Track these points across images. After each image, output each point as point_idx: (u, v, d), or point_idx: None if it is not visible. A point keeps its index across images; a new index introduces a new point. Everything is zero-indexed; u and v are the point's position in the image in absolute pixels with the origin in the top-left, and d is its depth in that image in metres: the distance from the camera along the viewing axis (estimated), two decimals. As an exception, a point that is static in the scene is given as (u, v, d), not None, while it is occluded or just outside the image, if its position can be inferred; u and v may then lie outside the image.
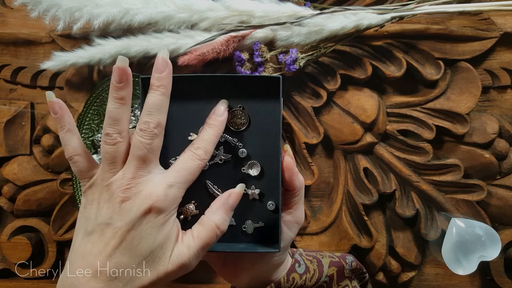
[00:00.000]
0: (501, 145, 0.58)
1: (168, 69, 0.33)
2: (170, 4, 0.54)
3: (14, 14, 0.60)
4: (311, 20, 0.54)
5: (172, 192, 0.31)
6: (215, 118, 0.34)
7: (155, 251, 0.31)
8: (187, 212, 0.36)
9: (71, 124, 0.34)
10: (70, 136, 0.34)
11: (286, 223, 0.37)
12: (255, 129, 0.36)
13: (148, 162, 0.32)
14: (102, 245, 0.30)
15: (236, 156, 0.36)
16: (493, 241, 0.52)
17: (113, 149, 0.32)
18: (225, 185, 0.37)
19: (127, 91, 0.32)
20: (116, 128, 0.32)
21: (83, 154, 0.34)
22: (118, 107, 0.32)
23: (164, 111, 0.33)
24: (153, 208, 0.30)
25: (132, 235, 0.30)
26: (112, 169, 0.32)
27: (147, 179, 0.31)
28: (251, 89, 0.36)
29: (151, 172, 0.32)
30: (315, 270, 0.41)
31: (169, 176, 0.32)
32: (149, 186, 0.31)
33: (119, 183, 0.31)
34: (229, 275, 0.40)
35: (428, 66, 0.59)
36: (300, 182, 0.36)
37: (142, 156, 0.31)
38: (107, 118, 0.32)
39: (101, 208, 0.31)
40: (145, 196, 0.31)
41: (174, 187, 0.32)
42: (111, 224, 0.30)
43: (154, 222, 0.30)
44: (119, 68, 0.32)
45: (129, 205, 0.30)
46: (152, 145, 0.31)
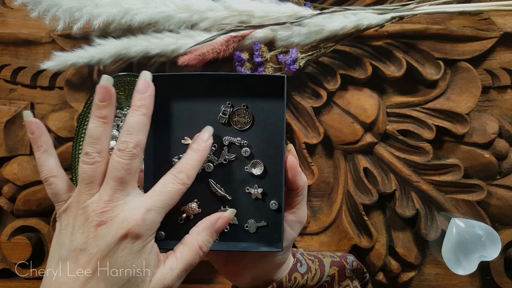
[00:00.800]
0: (501, 145, 0.58)
1: (150, 91, 0.32)
2: (170, 4, 0.54)
3: (14, 14, 0.60)
4: (311, 20, 0.54)
5: (150, 217, 0.30)
6: (199, 143, 0.33)
7: (132, 279, 0.29)
8: (189, 211, 0.36)
9: (48, 144, 0.33)
10: (46, 157, 0.33)
11: (289, 223, 0.37)
12: (259, 128, 0.36)
13: (125, 183, 0.30)
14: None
15: (240, 155, 0.36)
16: (493, 241, 0.52)
17: (92, 169, 0.30)
18: (228, 184, 0.37)
19: (110, 110, 0.31)
20: (96, 147, 0.31)
21: (60, 176, 0.33)
22: (99, 126, 0.31)
23: (145, 132, 0.31)
24: (130, 233, 0.29)
25: (107, 263, 0.28)
26: (89, 190, 0.30)
27: (124, 202, 0.30)
28: (255, 88, 0.36)
29: (129, 194, 0.31)
30: (316, 270, 0.41)
31: (148, 200, 0.30)
32: (126, 210, 0.30)
33: (94, 206, 0.30)
34: (231, 274, 0.40)
35: (428, 66, 0.59)
36: (303, 181, 0.36)
37: (120, 177, 0.30)
38: (87, 137, 0.31)
39: (75, 233, 0.29)
40: (121, 220, 0.29)
41: (152, 212, 0.30)
42: (85, 250, 0.29)
43: (130, 249, 0.29)
44: (103, 87, 0.31)
45: (105, 230, 0.29)
46: (130, 165, 0.30)
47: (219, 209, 0.37)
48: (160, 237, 0.36)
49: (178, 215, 0.37)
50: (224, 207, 0.37)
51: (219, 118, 0.36)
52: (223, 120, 0.36)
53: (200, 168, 0.36)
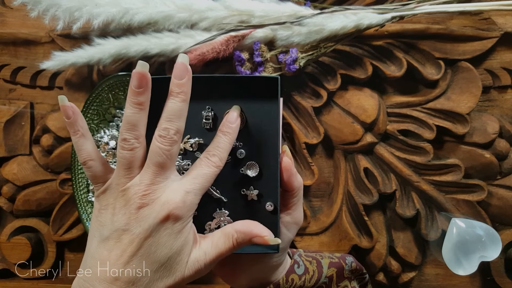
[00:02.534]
0: (502, 145, 0.58)
1: (188, 76, 0.32)
2: (170, 4, 0.54)
3: (14, 14, 0.60)
4: (311, 19, 0.54)
5: (189, 199, 0.31)
6: (228, 125, 0.34)
7: (172, 257, 0.31)
8: None
9: (85, 128, 0.34)
10: (84, 141, 0.34)
11: (285, 224, 0.37)
12: (254, 129, 0.36)
13: (166, 168, 0.31)
14: (119, 252, 0.30)
15: (235, 157, 0.36)
16: (494, 241, 0.52)
17: (130, 154, 0.31)
18: (223, 186, 0.36)
19: (146, 96, 0.32)
20: (134, 134, 0.32)
21: (97, 159, 0.34)
22: (136, 112, 0.32)
23: (184, 118, 0.32)
24: (171, 215, 0.30)
25: (149, 242, 0.30)
26: (128, 174, 0.32)
27: (164, 186, 0.31)
28: (250, 89, 0.36)
29: (168, 178, 0.32)
30: (314, 271, 0.41)
31: (186, 183, 0.32)
32: (166, 193, 0.31)
33: (136, 189, 0.31)
34: (227, 276, 0.40)
35: (429, 66, 0.59)
36: (298, 182, 0.36)
37: (161, 162, 0.31)
38: (125, 123, 0.32)
39: (117, 214, 0.31)
40: (163, 202, 0.30)
41: (191, 194, 0.31)
42: (128, 230, 0.30)
43: (172, 229, 0.30)
44: (139, 73, 0.31)
45: (147, 212, 0.30)
46: (171, 151, 0.31)
47: (215, 212, 0.36)
48: None
49: None
50: (220, 209, 0.36)
51: (203, 124, 0.36)
52: (208, 125, 0.36)
53: None
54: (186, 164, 0.36)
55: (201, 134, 0.36)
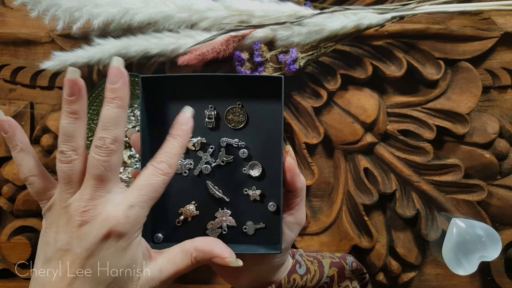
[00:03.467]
0: (502, 145, 0.58)
1: (122, 79, 0.30)
2: (170, 4, 0.54)
3: (14, 14, 0.60)
4: (311, 19, 0.54)
5: (133, 213, 0.29)
6: (178, 127, 0.31)
7: (119, 277, 0.29)
8: (187, 213, 0.36)
9: (24, 143, 0.32)
10: (23, 155, 0.32)
11: (287, 224, 0.37)
12: (256, 129, 0.36)
13: (106, 181, 0.29)
14: (61, 274, 0.28)
15: (237, 157, 0.36)
16: (494, 241, 0.52)
17: (68, 168, 0.29)
18: (225, 185, 0.36)
19: (80, 104, 0.30)
20: (70, 145, 0.30)
21: (39, 174, 0.32)
22: (71, 122, 0.29)
23: (122, 125, 0.30)
24: (112, 232, 0.28)
25: (92, 262, 0.28)
26: (69, 189, 0.30)
27: (105, 200, 0.29)
28: (253, 88, 0.36)
29: (110, 191, 0.30)
30: (315, 271, 0.41)
31: (130, 195, 0.29)
32: (108, 208, 0.29)
33: (76, 205, 0.29)
34: (229, 276, 0.40)
35: (429, 66, 0.59)
36: (301, 183, 0.36)
37: (99, 175, 0.29)
38: (61, 135, 0.30)
39: (59, 232, 0.29)
40: (103, 219, 0.28)
41: (135, 207, 0.29)
42: (69, 250, 0.28)
43: (115, 247, 0.28)
44: (69, 80, 0.29)
45: (88, 229, 0.28)
46: (109, 162, 0.29)
47: (217, 211, 0.36)
48: (157, 240, 0.36)
49: (175, 218, 0.36)
50: (222, 209, 0.36)
51: (206, 123, 0.36)
52: (210, 124, 0.36)
53: (198, 170, 0.36)
54: (188, 163, 0.36)
55: (204, 133, 0.36)
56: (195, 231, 0.37)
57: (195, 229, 0.37)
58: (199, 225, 0.37)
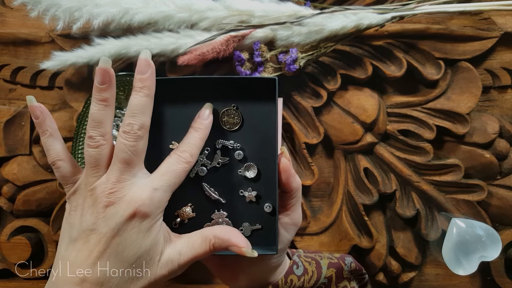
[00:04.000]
0: (502, 145, 0.58)
1: (150, 70, 0.32)
2: (170, 4, 0.54)
3: (14, 14, 0.60)
4: (311, 19, 0.54)
5: (157, 196, 0.31)
6: (200, 121, 0.34)
7: (142, 256, 0.30)
8: (183, 215, 0.36)
9: (53, 128, 0.34)
10: (52, 141, 0.34)
11: (284, 225, 0.37)
12: (252, 131, 0.36)
13: (132, 165, 0.31)
14: (87, 252, 0.29)
15: (233, 158, 0.36)
16: (494, 241, 0.52)
17: (96, 152, 0.31)
18: (221, 187, 0.36)
19: (110, 92, 0.32)
20: (99, 131, 0.31)
21: (66, 159, 0.33)
22: (101, 109, 0.31)
23: (148, 113, 0.32)
24: (138, 212, 0.30)
25: (117, 241, 0.29)
26: (95, 173, 0.31)
27: (131, 183, 0.31)
28: (248, 90, 0.36)
29: (135, 175, 0.31)
30: (313, 272, 0.41)
31: (154, 180, 0.31)
32: (133, 190, 0.30)
33: (102, 187, 0.30)
34: (226, 277, 0.40)
35: (429, 66, 0.59)
36: (297, 183, 0.36)
37: (126, 159, 0.30)
38: (90, 121, 0.31)
39: (85, 214, 0.30)
40: (129, 200, 0.30)
41: (159, 191, 0.31)
42: (95, 230, 0.29)
43: (139, 227, 0.30)
44: (102, 69, 0.31)
45: (114, 210, 0.30)
46: (136, 147, 0.31)
47: (214, 213, 0.36)
48: None
49: (172, 220, 0.36)
50: (218, 211, 0.36)
51: None
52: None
53: (193, 172, 0.36)
54: None
55: None
56: None
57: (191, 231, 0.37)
58: (196, 227, 0.37)
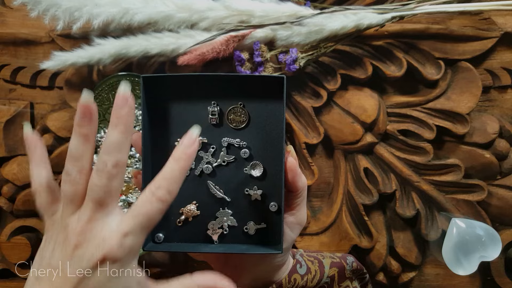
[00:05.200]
0: (502, 145, 0.58)
1: (127, 106, 0.30)
2: (170, 4, 0.54)
3: (14, 14, 0.60)
4: (311, 19, 0.54)
5: (127, 242, 0.28)
6: (183, 150, 0.30)
7: None
8: (188, 213, 0.36)
9: (42, 156, 0.32)
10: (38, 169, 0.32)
11: (288, 224, 0.37)
12: (258, 129, 0.36)
13: (104, 205, 0.29)
14: None
15: (239, 157, 0.36)
16: (494, 241, 0.52)
17: (72, 189, 0.29)
18: (227, 186, 0.36)
19: (91, 128, 0.30)
20: (77, 166, 0.29)
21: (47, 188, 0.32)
22: (80, 144, 0.30)
23: (125, 150, 0.30)
24: (106, 258, 0.27)
25: (82, 286, 0.27)
26: (71, 208, 0.30)
27: (103, 224, 0.28)
28: (254, 88, 0.36)
29: (108, 215, 0.29)
30: (316, 271, 0.41)
31: (124, 224, 0.28)
32: (103, 232, 0.28)
33: (73, 226, 0.28)
34: (230, 276, 0.39)
35: (429, 66, 0.59)
36: (303, 183, 0.36)
37: (98, 198, 0.28)
38: (68, 156, 0.30)
39: (55, 249, 0.29)
40: (98, 243, 0.28)
41: (130, 236, 0.28)
42: (62, 271, 0.28)
43: (107, 274, 0.27)
44: (83, 106, 0.29)
45: (81, 252, 0.28)
46: (109, 187, 0.28)
47: (218, 211, 0.36)
48: (158, 240, 0.36)
49: (176, 218, 0.36)
50: (223, 209, 0.36)
51: (209, 120, 0.36)
52: (214, 121, 0.36)
53: (199, 170, 0.36)
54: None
55: (206, 131, 0.36)
56: (196, 231, 0.37)
57: (196, 229, 0.37)
58: (200, 225, 0.37)
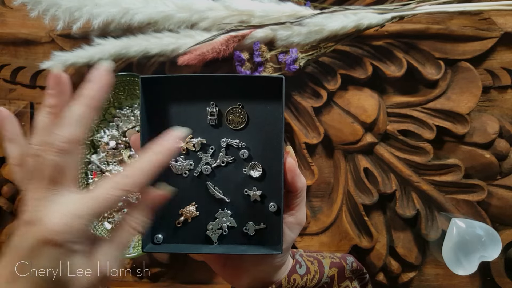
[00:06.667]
0: (502, 145, 0.58)
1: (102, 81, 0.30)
2: (170, 4, 0.54)
3: (14, 14, 0.60)
4: (311, 19, 0.54)
5: (75, 224, 0.26)
6: (160, 143, 0.29)
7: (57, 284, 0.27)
8: (187, 214, 0.36)
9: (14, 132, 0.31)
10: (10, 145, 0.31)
11: (288, 225, 0.37)
12: (257, 129, 0.36)
13: (56, 183, 0.27)
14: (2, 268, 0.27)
15: (238, 157, 0.36)
16: (494, 241, 0.52)
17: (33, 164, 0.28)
18: (226, 186, 0.36)
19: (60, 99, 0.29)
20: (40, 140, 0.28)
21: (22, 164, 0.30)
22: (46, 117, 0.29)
23: (83, 126, 0.28)
24: (50, 239, 0.26)
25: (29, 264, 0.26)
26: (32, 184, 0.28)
27: (52, 203, 0.27)
28: (253, 89, 0.36)
29: (59, 194, 0.27)
30: (316, 271, 0.41)
31: (78, 205, 0.27)
32: (52, 212, 0.27)
33: (26, 204, 0.28)
34: (230, 276, 0.40)
35: (429, 66, 0.59)
36: (302, 183, 0.36)
37: (50, 176, 0.27)
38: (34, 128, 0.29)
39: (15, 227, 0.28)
40: (45, 223, 0.26)
41: (80, 219, 0.27)
42: (14, 247, 0.27)
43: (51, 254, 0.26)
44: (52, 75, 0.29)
45: (27, 230, 0.27)
46: (57, 163, 0.27)
47: (218, 212, 0.36)
48: (157, 241, 0.36)
49: (176, 218, 0.36)
50: (222, 210, 0.36)
51: (208, 121, 0.36)
52: (213, 121, 0.36)
53: (198, 171, 0.36)
54: (188, 164, 0.36)
55: (205, 132, 0.36)
56: (195, 232, 0.37)
57: (195, 230, 0.37)
58: (200, 226, 0.37)
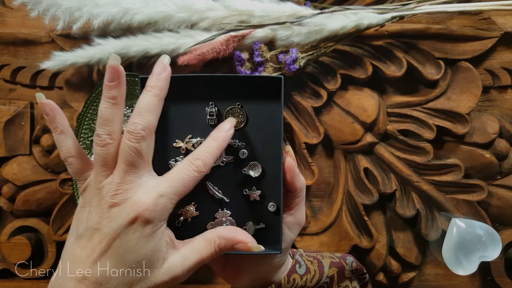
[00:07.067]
0: (502, 145, 0.58)
1: (166, 73, 0.32)
2: (170, 4, 0.54)
3: (14, 14, 0.60)
4: (311, 19, 0.54)
5: (161, 203, 0.30)
6: (220, 131, 0.33)
7: (142, 261, 0.30)
8: (187, 214, 0.36)
9: (64, 125, 0.34)
10: (63, 137, 0.34)
11: (287, 224, 0.37)
12: (256, 129, 0.36)
13: (136, 166, 0.30)
14: (89, 251, 0.29)
15: (237, 157, 0.36)
16: (494, 241, 0.52)
17: (103, 151, 0.31)
18: (225, 186, 0.36)
19: (120, 90, 0.31)
20: (106, 129, 0.31)
21: (78, 155, 0.33)
22: (109, 107, 0.31)
23: (155, 113, 0.31)
24: (139, 217, 0.29)
25: (118, 244, 0.29)
26: (103, 171, 0.31)
27: (137, 185, 0.30)
28: (252, 89, 0.36)
29: (141, 177, 0.31)
30: (315, 271, 0.41)
31: (161, 185, 0.30)
32: (138, 193, 0.30)
33: (108, 188, 0.30)
34: (229, 276, 0.40)
35: (429, 66, 0.59)
36: (301, 183, 0.36)
37: (129, 160, 0.30)
38: (98, 119, 0.31)
39: (91, 212, 0.30)
40: (133, 203, 0.29)
41: (164, 197, 0.30)
42: (99, 230, 0.29)
43: (141, 232, 0.29)
44: (111, 66, 0.31)
45: (117, 212, 0.29)
46: (139, 149, 0.30)
47: (217, 212, 0.36)
48: None
49: (175, 218, 0.36)
50: (222, 210, 0.36)
51: (208, 120, 0.36)
52: (212, 121, 0.36)
53: None
54: None
55: (204, 132, 0.36)
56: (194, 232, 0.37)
57: (194, 230, 0.37)
58: (199, 226, 0.37)
